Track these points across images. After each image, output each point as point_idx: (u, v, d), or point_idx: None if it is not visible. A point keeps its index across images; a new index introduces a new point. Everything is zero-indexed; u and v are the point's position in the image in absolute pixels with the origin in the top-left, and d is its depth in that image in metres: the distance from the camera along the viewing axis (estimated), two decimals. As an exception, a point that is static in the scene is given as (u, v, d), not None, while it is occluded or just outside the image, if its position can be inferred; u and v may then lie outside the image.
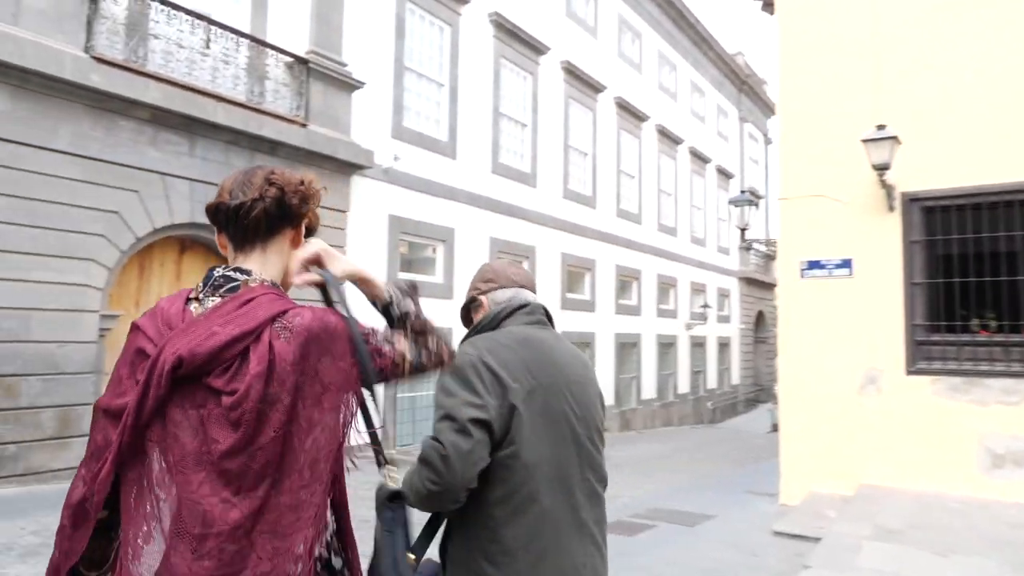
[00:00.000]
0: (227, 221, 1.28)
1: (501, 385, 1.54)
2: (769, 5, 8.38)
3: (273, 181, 1.28)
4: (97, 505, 1.14)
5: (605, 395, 16.19)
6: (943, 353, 6.53)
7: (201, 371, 1.12)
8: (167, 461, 1.12)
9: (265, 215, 1.26)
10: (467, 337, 1.75)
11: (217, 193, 1.30)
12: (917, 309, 6.64)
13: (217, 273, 1.26)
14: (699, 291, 21.89)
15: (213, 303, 1.22)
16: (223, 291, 1.24)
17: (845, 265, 6.99)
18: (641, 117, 18.39)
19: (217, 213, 1.29)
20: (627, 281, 17.87)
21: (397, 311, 1.33)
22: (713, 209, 23.43)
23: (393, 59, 10.90)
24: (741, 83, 25.83)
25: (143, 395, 1.12)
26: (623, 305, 17.45)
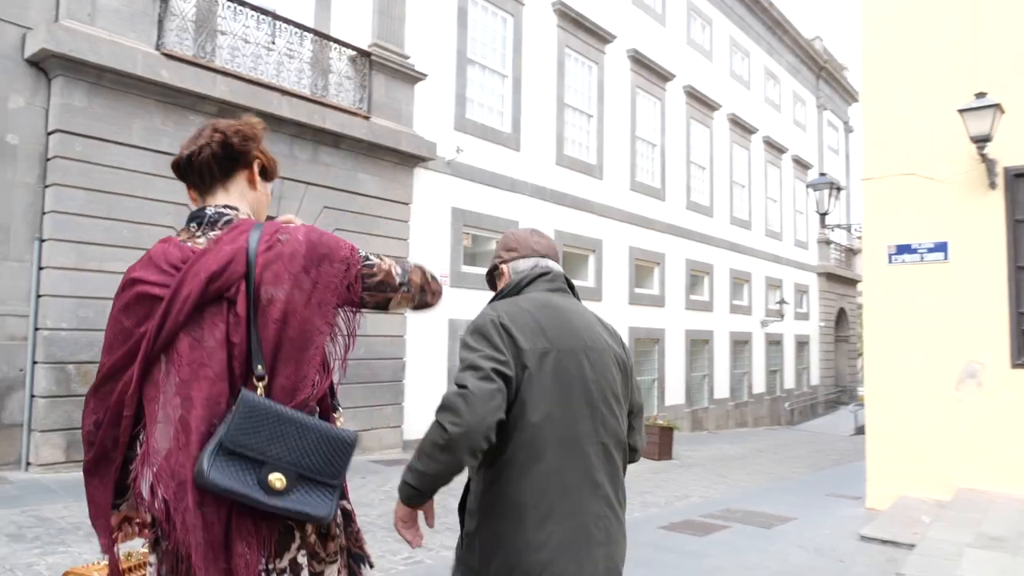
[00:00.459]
0: (186, 171, 1.46)
1: (516, 346, 1.60)
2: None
3: (217, 128, 1.45)
4: (127, 421, 1.32)
5: (675, 393, 15.59)
6: (1055, 345, 5.90)
7: (225, 285, 1.29)
8: (180, 375, 1.27)
9: (213, 157, 1.42)
10: (491, 302, 1.81)
11: (178, 152, 1.48)
12: (1023, 296, 6.01)
13: (210, 211, 1.41)
14: (775, 287, 20.99)
15: (215, 235, 1.37)
16: (220, 224, 1.39)
17: (939, 249, 6.42)
18: (712, 106, 17.76)
19: (178, 168, 1.47)
20: (698, 276, 17.28)
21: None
22: (789, 201, 22.44)
23: (455, 51, 10.83)
24: (819, 69, 24.61)
25: (163, 320, 1.28)
26: (694, 301, 16.88)
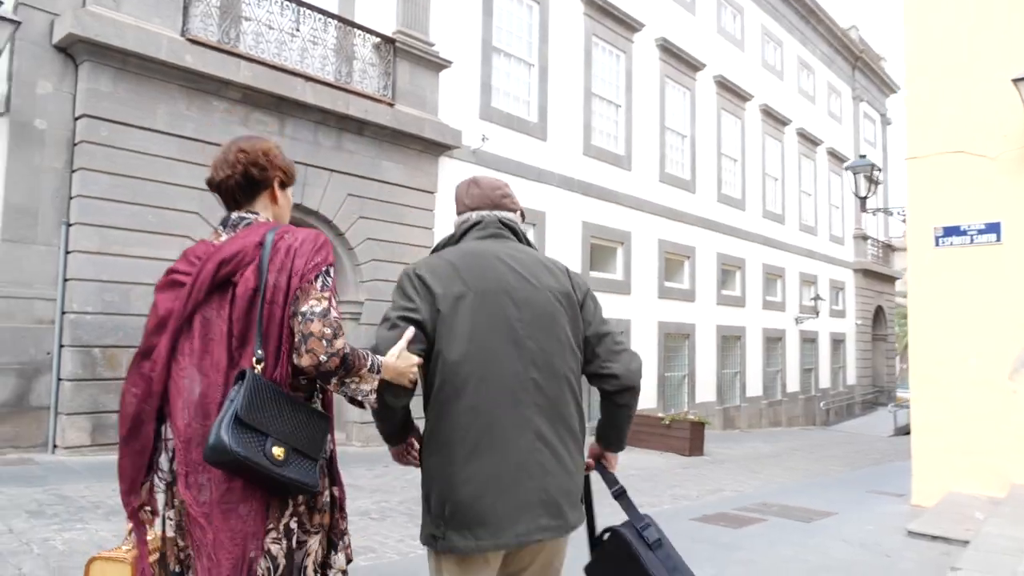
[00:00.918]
0: (217, 191, 1.68)
1: (431, 293, 1.70)
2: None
3: (239, 160, 1.63)
4: (156, 395, 1.52)
5: (706, 390, 15.03)
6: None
7: (233, 270, 1.52)
8: (194, 348, 1.51)
9: (238, 186, 1.64)
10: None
11: (210, 169, 1.68)
12: (1085, 279, 5.65)
13: (235, 216, 1.65)
14: (809, 283, 20.44)
15: (232, 235, 1.61)
16: (241, 226, 1.62)
17: (991, 230, 6.06)
18: (744, 97, 17.35)
19: (210, 186, 1.69)
20: (730, 270, 16.88)
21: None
22: (824, 195, 21.85)
23: (480, 38, 10.68)
24: (855, 59, 23.94)
25: (185, 301, 1.51)
26: (726, 296, 16.49)
